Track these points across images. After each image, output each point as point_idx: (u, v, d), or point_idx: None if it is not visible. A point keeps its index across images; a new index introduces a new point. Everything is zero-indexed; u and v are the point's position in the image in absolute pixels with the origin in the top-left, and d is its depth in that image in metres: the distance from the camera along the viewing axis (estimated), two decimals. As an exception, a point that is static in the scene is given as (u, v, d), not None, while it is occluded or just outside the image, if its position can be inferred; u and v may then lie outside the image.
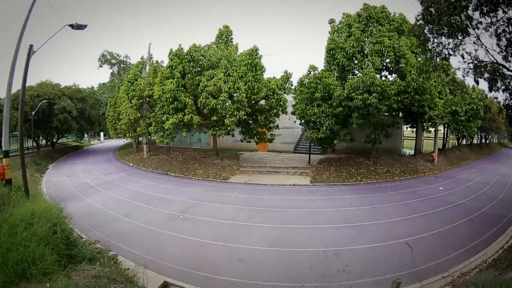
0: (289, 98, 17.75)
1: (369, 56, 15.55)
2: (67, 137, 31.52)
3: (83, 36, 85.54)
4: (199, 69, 16.61)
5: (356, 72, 16.30)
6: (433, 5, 8.35)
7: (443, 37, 9.33)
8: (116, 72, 37.25)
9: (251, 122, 16.68)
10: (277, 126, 17.62)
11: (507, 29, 8.24)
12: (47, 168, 19.86)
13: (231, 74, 15.48)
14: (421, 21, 9.37)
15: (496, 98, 22.42)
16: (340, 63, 15.72)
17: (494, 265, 6.45)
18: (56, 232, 4.86)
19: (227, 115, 14.89)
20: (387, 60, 16.23)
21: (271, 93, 16.04)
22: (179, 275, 5.86)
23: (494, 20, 8.32)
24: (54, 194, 12.19)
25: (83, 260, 4.96)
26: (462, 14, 8.36)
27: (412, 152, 22.10)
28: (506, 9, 7.86)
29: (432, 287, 5.70)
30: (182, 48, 16.28)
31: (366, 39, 16.11)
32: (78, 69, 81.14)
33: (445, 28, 8.63)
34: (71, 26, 9.72)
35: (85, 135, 33.04)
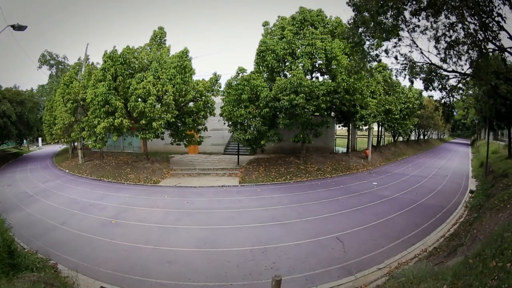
0: (219, 100, 17.86)
1: (300, 58, 15.99)
2: (7, 143, 29.59)
3: (29, 36, 79.70)
4: (131, 71, 16.35)
5: (287, 73, 16.70)
6: (366, 10, 8.60)
7: (376, 39, 9.72)
8: (54, 73, 35.33)
9: (179, 124, 16.61)
10: (206, 128, 17.68)
11: (447, 33, 8.67)
12: (-10, 178, 18.75)
13: (161, 77, 15.36)
14: (352, 25, 9.72)
15: (432, 96, 23.97)
16: (270, 65, 16.02)
17: (435, 253, 6.61)
18: (-2, 242, 5.00)
19: (156, 118, 14.75)
20: (319, 62, 16.80)
21: (199, 96, 16.09)
22: (113, 280, 6.03)
23: (435, 25, 8.76)
24: (-4, 205, 12.07)
25: (26, 269, 5.17)
26: (399, 18, 8.66)
27: (345, 150, 22.95)
28: (449, 14, 8.23)
29: (367, 279, 5.81)
30: (116, 50, 15.91)
31: (298, 41, 16.56)
32: (20, 70, 75.55)
33: (376, 31, 8.92)
34: (13, 26, 9.89)
35: (24, 141, 31.12)
